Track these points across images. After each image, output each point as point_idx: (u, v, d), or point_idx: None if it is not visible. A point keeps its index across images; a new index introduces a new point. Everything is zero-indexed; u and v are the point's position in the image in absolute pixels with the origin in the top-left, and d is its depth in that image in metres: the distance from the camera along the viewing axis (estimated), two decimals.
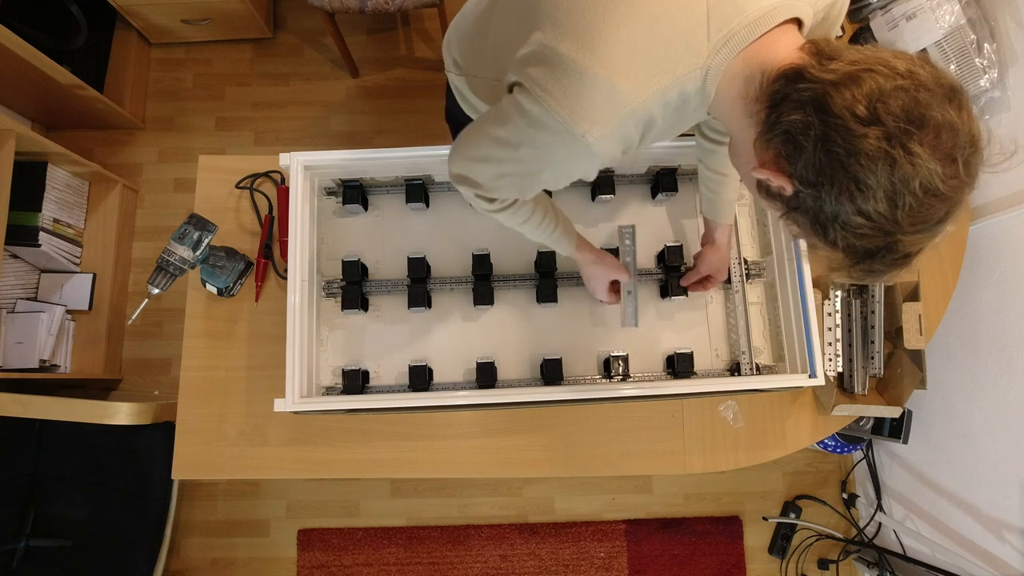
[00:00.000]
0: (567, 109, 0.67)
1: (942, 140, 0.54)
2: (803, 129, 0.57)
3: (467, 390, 1.08)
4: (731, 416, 1.27)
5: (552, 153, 0.73)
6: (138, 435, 1.75)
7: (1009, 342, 1.38)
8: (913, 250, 0.59)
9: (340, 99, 2.24)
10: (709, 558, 2.00)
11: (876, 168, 0.54)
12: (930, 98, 0.54)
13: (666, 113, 0.69)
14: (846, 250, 0.60)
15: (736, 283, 1.21)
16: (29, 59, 1.70)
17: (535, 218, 0.95)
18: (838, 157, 0.55)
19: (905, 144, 0.53)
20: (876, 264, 0.60)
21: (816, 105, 0.56)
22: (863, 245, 0.59)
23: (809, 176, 0.58)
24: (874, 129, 0.53)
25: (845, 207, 0.57)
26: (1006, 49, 1.35)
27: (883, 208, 0.55)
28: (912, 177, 0.54)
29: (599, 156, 0.70)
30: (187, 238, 1.11)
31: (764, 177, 0.63)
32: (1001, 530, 1.43)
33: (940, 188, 0.54)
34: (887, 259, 0.60)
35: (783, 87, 0.60)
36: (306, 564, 1.99)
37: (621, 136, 0.69)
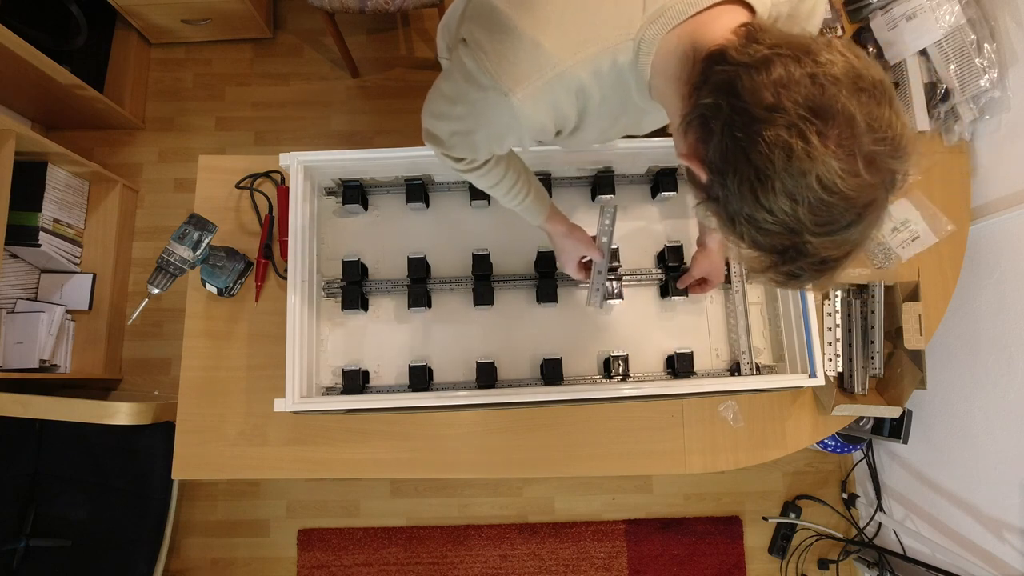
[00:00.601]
0: (495, 64, 0.66)
1: (845, 134, 0.50)
2: (714, 112, 0.55)
3: (467, 390, 1.08)
4: (731, 416, 1.27)
5: (482, 111, 0.72)
6: (138, 435, 1.75)
7: (1009, 342, 1.38)
8: (830, 255, 0.56)
9: (340, 99, 2.24)
10: (709, 558, 2.00)
11: (774, 157, 0.51)
12: (838, 90, 0.51)
13: (601, 86, 0.68)
14: (754, 246, 0.57)
15: (736, 283, 1.21)
16: (29, 59, 1.70)
17: (506, 182, 0.94)
18: (740, 143, 0.53)
19: (804, 134, 0.50)
20: (793, 267, 0.58)
21: (728, 88, 0.54)
22: (770, 243, 0.56)
23: (717, 162, 0.56)
24: (776, 116, 0.51)
25: (747, 199, 0.54)
26: (1006, 49, 1.35)
27: (783, 203, 0.53)
28: (809, 170, 0.50)
29: (523, 120, 0.69)
30: (187, 238, 1.11)
31: (686, 163, 0.61)
32: (1001, 530, 1.43)
33: (839, 185, 0.51)
34: (802, 262, 0.57)
35: (706, 68, 0.58)
36: (306, 564, 1.99)
37: (549, 103, 0.68)
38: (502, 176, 0.93)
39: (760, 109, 0.52)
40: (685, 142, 0.61)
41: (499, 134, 0.75)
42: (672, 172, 1.23)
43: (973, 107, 1.39)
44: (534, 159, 1.16)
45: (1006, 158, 1.38)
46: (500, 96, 0.67)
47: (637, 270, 1.24)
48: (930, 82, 1.42)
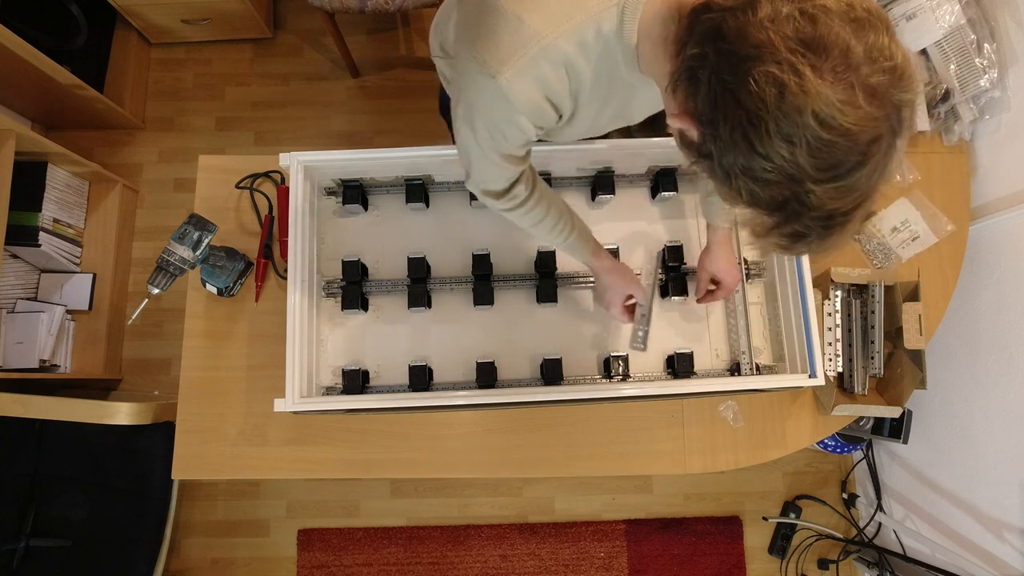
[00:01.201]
0: (480, 48, 0.66)
1: (842, 66, 0.47)
2: (700, 62, 0.53)
3: (467, 390, 1.08)
4: (731, 416, 1.27)
5: (477, 102, 0.71)
6: (138, 435, 1.75)
7: (1009, 342, 1.38)
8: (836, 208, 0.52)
9: (340, 99, 2.24)
10: (709, 558, 2.00)
11: (766, 96, 0.48)
12: (831, 20, 0.48)
13: (587, 58, 0.66)
14: (752, 202, 0.54)
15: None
16: (29, 59, 1.70)
17: (549, 220, 0.94)
18: (729, 86, 0.50)
19: (797, 68, 0.47)
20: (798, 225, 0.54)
21: (713, 34, 0.52)
22: (770, 195, 0.52)
23: (706, 112, 0.53)
24: (764, 52, 0.48)
25: (741, 146, 0.51)
26: (1006, 49, 1.35)
27: (780, 146, 0.49)
28: (804, 106, 0.47)
29: (515, 100, 0.67)
30: (187, 238, 1.11)
31: (678, 125, 0.58)
32: (1001, 530, 1.43)
33: (838, 119, 0.47)
34: (806, 218, 0.53)
35: (692, 21, 0.55)
36: (306, 564, 1.99)
37: (537, 79, 0.66)
38: (546, 212, 0.93)
39: (748, 47, 0.49)
40: (675, 101, 0.58)
41: (499, 126, 0.74)
42: (672, 172, 1.23)
43: (973, 107, 1.39)
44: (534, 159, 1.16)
45: (1006, 158, 1.38)
46: (488, 79, 0.66)
47: (637, 270, 1.24)
48: (930, 82, 1.42)
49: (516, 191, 0.88)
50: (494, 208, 0.91)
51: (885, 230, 1.39)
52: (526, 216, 0.92)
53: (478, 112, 0.73)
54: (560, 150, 1.13)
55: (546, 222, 0.94)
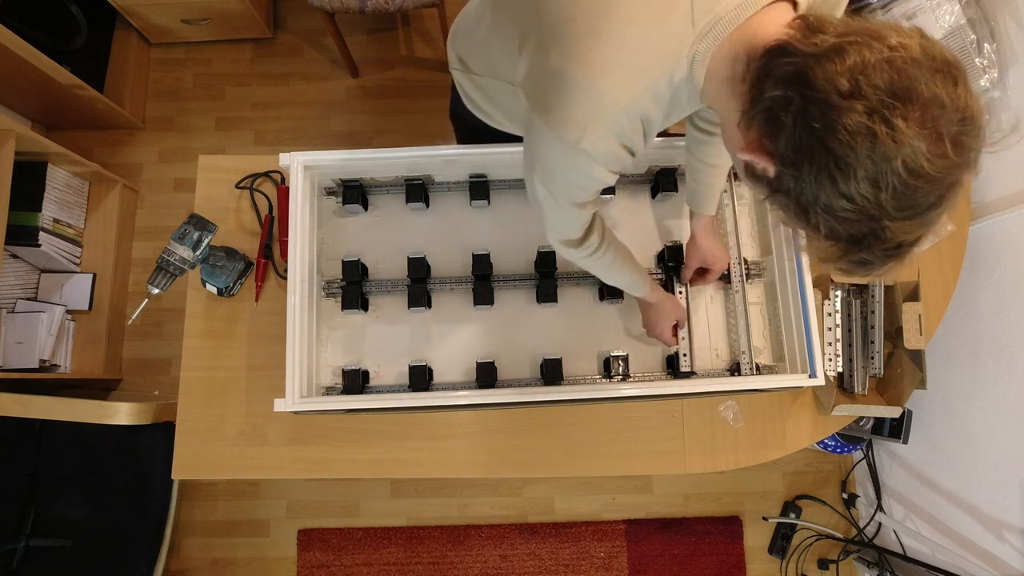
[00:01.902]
0: (557, 118, 0.67)
1: (929, 116, 0.50)
2: (784, 105, 0.54)
3: (467, 390, 1.08)
4: (731, 416, 1.27)
5: (555, 165, 0.74)
6: (138, 435, 1.75)
7: (1009, 342, 1.38)
8: (905, 239, 0.55)
9: (340, 99, 2.24)
10: (709, 558, 2.00)
11: (856, 144, 0.50)
12: (918, 71, 0.50)
13: (659, 107, 0.68)
14: (829, 236, 0.57)
15: (736, 283, 1.21)
16: (29, 59, 1.70)
17: (617, 263, 0.99)
18: (817, 133, 0.52)
19: (888, 119, 0.49)
20: (866, 254, 0.57)
21: (797, 79, 0.53)
22: (847, 231, 0.55)
23: (789, 154, 0.55)
24: (855, 103, 0.50)
25: (826, 187, 0.53)
26: (1006, 49, 1.35)
27: (865, 189, 0.52)
28: (894, 155, 0.50)
29: (599, 159, 0.70)
30: (187, 238, 1.11)
31: (748, 158, 0.60)
32: (1001, 530, 1.43)
33: (925, 168, 0.50)
34: (876, 249, 0.56)
35: (767, 63, 0.57)
36: (306, 564, 1.99)
37: (617, 135, 0.68)
38: (614, 258, 0.98)
39: (837, 97, 0.50)
40: (746, 138, 0.60)
41: (576, 182, 0.76)
42: (672, 172, 1.23)
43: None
44: None
45: (1006, 158, 1.38)
46: (568, 145, 0.68)
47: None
48: None
49: (591, 240, 0.92)
50: (572, 258, 0.95)
51: None
52: (599, 261, 0.96)
53: (556, 174, 0.75)
54: None
55: (615, 265, 0.99)
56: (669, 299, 1.15)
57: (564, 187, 0.77)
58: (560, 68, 0.66)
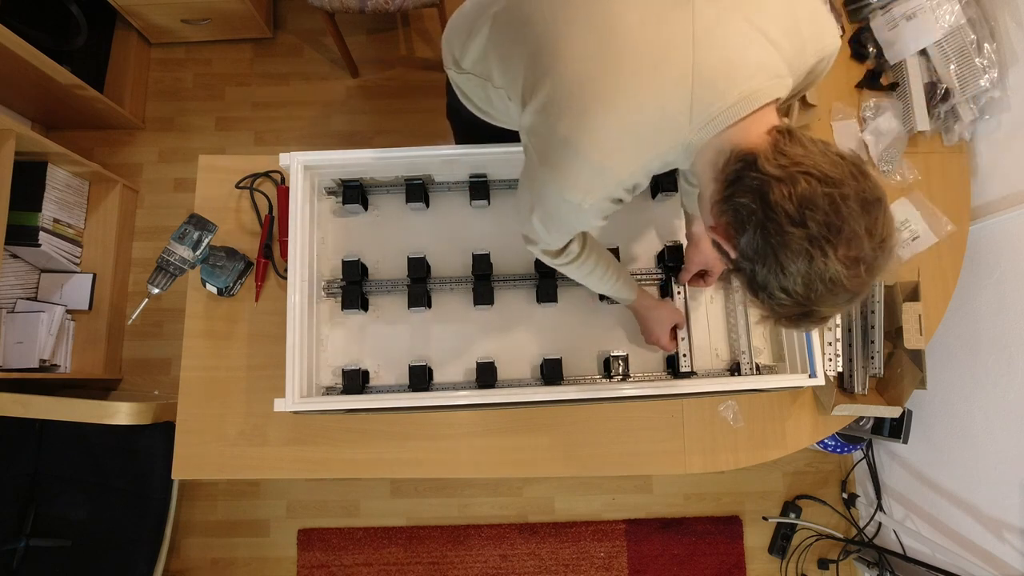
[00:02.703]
0: (564, 181, 0.78)
1: (852, 248, 0.65)
2: (748, 214, 0.68)
3: (467, 390, 1.08)
4: (731, 416, 1.27)
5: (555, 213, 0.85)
6: (138, 435, 1.75)
7: (1009, 342, 1.38)
8: (830, 315, 0.71)
9: (340, 99, 2.24)
10: (709, 558, 2.00)
11: (797, 261, 0.66)
12: (849, 211, 0.64)
13: (650, 176, 0.80)
14: (771, 312, 0.72)
15: (736, 283, 1.21)
16: (29, 59, 1.70)
17: (599, 270, 1.03)
18: (771, 245, 0.67)
19: (823, 247, 0.64)
20: (800, 323, 0.73)
21: (760, 195, 0.66)
22: (785, 313, 0.71)
23: (748, 252, 0.69)
24: (800, 231, 0.64)
25: (771, 282, 0.68)
26: (1006, 49, 1.35)
27: (800, 289, 0.67)
28: (823, 272, 0.65)
29: (593, 213, 0.83)
30: (187, 238, 1.11)
31: (717, 239, 0.74)
32: (1001, 530, 1.43)
33: (845, 284, 0.66)
34: (807, 321, 0.72)
35: (740, 170, 0.69)
36: (306, 564, 1.99)
37: (611, 198, 0.81)
38: (595, 264, 1.02)
39: (788, 223, 0.65)
40: (717, 221, 0.73)
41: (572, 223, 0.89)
42: (672, 172, 1.23)
43: (973, 107, 1.39)
44: None
45: (1006, 158, 1.38)
46: (572, 206, 0.80)
47: (637, 270, 1.24)
48: (930, 82, 1.42)
49: (571, 248, 0.97)
50: (550, 263, 1.00)
51: None
52: (579, 268, 1.01)
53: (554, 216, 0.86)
54: None
55: (596, 272, 1.03)
56: (662, 305, 1.17)
57: (558, 224, 0.88)
58: (568, 139, 0.75)
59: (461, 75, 1.03)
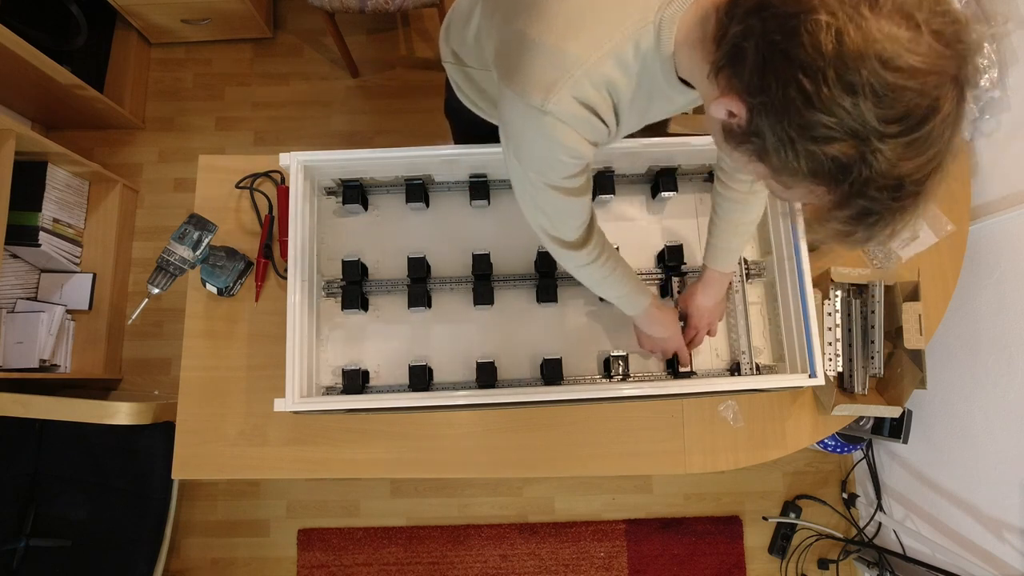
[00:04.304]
0: (520, 82, 0.66)
1: (901, 9, 0.45)
2: (744, 35, 0.51)
3: (467, 390, 1.08)
4: (731, 416, 1.27)
5: (524, 133, 0.71)
6: (138, 435, 1.75)
7: (1009, 342, 1.38)
8: (905, 173, 0.49)
9: (340, 99, 2.24)
10: (709, 558, 2.00)
11: (820, 44, 0.45)
12: None
13: (627, 75, 0.67)
14: (813, 170, 0.51)
15: (736, 283, 1.21)
16: (29, 59, 1.70)
17: (617, 274, 0.98)
18: (779, 46, 0.48)
19: (853, 14, 0.44)
20: (864, 200, 0.51)
21: (756, 7, 0.50)
22: (832, 156, 0.49)
23: (755, 81, 0.51)
24: (816, 4, 0.46)
25: (796, 104, 0.48)
26: (1006, 49, 1.35)
27: (841, 97, 0.46)
28: (866, 50, 0.44)
29: (567, 120, 0.67)
30: (187, 238, 1.11)
31: (721, 108, 0.56)
32: (1001, 530, 1.43)
33: (905, 59, 0.44)
34: (873, 187, 0.49)
35: (731, 8, 0.54)
36: (306, 564, 1.99)
37: (583, 99, 0.66)
38: (612, 269, 0.96)
39: (795, 5, 0.47)
40: (718, 87, 0.57)
41: (549, 152, 0.72)
42: (672, 172, 1.23)
43: (973, 107, 1.39)
44: None
45: (1006, 158, 1.38)
46: (533, 109, 0.67)
47: (637, 270, 1.24)
48: None
49: (591, 245, 0.90)
50: (569, 264, 0.94)
51: None
52: (600, 269, 0.95)
53: (528, 147, 0.73)
54: None
55: (616, 275, 0.98)
56: (672, 311, 1.14)
57: (539, 164, 0.75)
58: (524, 31, 0.66)
59: (459, 68, 1.02)
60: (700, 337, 1.17)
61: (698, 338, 1.17)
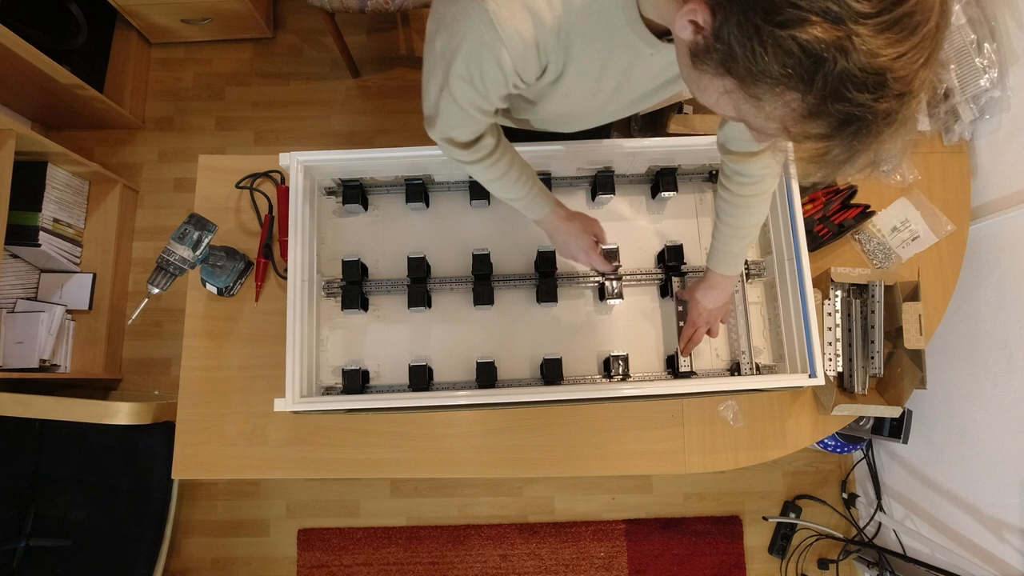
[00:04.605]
0: None
1: None
2: None
3: (467, 390, 1.08)
4: (731, 416, 1.27)
5: (459, 30, 0.67)
6: (138, 435, 1.75)
7: (1009, 342, 1.38)
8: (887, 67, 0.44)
9: (340, 99, 2.24)
10: (709, 558, 2.00)
11: None
12: None
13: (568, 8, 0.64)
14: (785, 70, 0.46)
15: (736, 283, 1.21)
16: (29, 59, 1.70)
17: (512, 173, 0.93)
18: None
19: None
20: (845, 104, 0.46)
21: None
22: (802, 43, 0.44)
23: None
24: None
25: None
26: (1006, 49, 1.35)
27: None
28: None
29: (501, 29, 0.64)
30: (187, 238, 1.11)
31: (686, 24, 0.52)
32: (1001, 530, 1.43)
33: None
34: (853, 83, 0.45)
35: None
36: (306, 564, 1.99)
37: (527, 8, 0.63)
38: (508, 167, 0.92)
39: None
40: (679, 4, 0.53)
41: (479, 58, 0.68)
42: (672, 172, 1.23)
43: (973, 107, 1.39)
44: (534, 159, 1.16)
45: (1006, 158, 1.38)
46: (475, 4, 0.63)
47: (637, 270, 1.24)
48: None
49: (483, 143, 0.86)
50: (454, 158, 0.87)
51: (885, 230, 1.40)
52: (488, 170, 0.90)
53: (459, 42, 0.68)
54: (560, 150, 1.14)
55: (508, 176, 0.92)
56: (578, 216, 1.08)
57: (465, 69, 0.70)
58: None
59: None
60: (699, 336, 1.17)
61: (697, 336, 1.17)
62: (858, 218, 1.34)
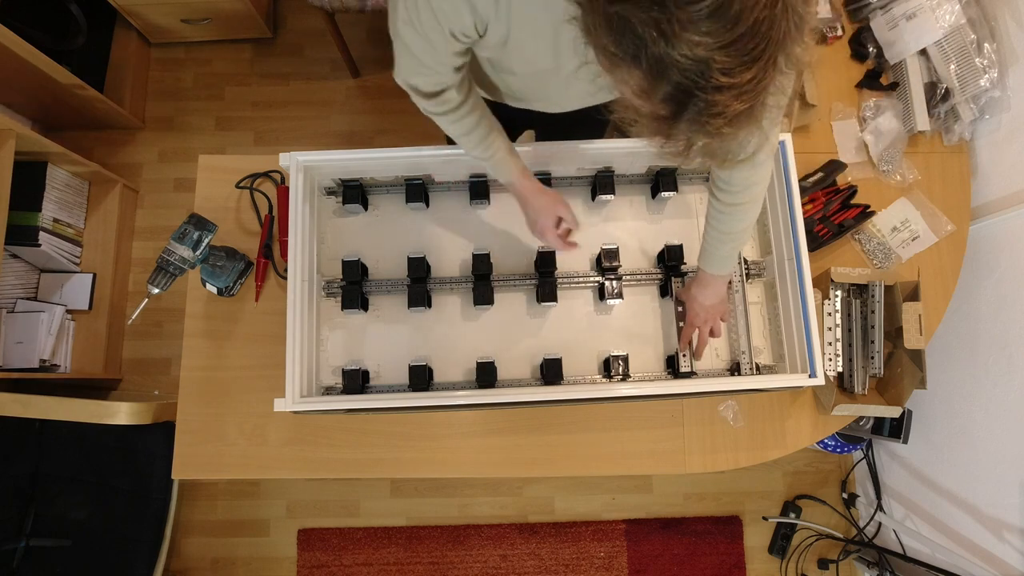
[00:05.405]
0: None
1: None
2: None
3: (467, 390, 1.08)
4: (731, 416, 1.27)
5: None
6: (138, 435, 1.76)
7: (1009, 342, 1.38)
8: (705, 55, 0.44)
9: (340, 99, 2.24)
10: (709, 558, 2.00)
11: None
12: None
13: None
14: (620, 47, 0.46)
15: (736, 283, 1.21)
16: (29, 59, 1.70)
17: (479, 131, 0.93)
18: None
19: None
20: (670, 84, 0.46)
21: None
22: (630, 23, 0.45)
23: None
24: None
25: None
26: (1006, 49, 1.35)
27: None
28: None
29: None
30: (187, 238, 1.11)
31: None
32: (1001, 530, 1.43)
33: None
34: (678, 69, 0.45)
35: None
36: (306, 564, 1.99)
37: None
38: (477, 123, 0.93)
39: None
40: None
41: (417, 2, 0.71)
42: (672, 172, 1.23)
43: (973, 107, 1.39)
44: (534, 159, 1.16)
45: (1006, 158, 1.38)
46: None
47: (637, 270, 1.24)
48: (930, 82, 1.42)
49: (448, 96, 0.87)
50: (422, 108, 0.89)
51: (885, 230, 1.40)
52: (456, 124, 0.91)
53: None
54: (560, 150, 1.13)
55: (476, 133, 0.93)
56: (546, 192, 1.07)
57: (403, 6, 0.73)
58: None
59: None
60: (703, 337, 1.16)
61: (702, 338, 1.16)
62: (858, 218, 1.34)
